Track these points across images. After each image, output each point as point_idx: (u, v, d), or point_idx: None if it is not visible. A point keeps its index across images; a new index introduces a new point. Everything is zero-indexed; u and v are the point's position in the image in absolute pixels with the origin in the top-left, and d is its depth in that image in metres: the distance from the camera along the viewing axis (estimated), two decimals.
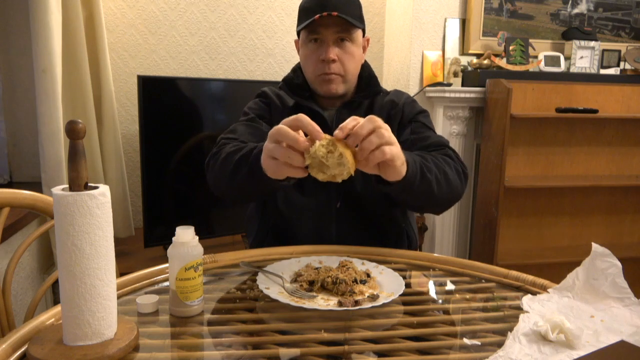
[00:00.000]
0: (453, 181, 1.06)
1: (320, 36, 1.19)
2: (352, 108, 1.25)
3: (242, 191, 1.10)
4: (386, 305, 0.82)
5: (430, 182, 0.99)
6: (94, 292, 0.65)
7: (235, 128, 1.21)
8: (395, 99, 1.29)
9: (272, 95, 1.30)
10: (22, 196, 1.05)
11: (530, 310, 0.80)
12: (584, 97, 2.42)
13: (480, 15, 2.49)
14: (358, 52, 1.23)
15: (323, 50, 1.18)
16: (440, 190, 1.02)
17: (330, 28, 1.17)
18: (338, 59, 1.19)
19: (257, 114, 1.26)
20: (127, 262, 2.06)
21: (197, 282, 0.78)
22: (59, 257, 0.65)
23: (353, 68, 1.23)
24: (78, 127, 0.64)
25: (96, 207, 0.64)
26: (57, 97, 1.65)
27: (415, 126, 1.25)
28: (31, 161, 1.91)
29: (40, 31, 1.60)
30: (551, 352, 0.67)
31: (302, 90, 1.26)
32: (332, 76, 1.20)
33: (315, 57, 1.20)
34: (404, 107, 1.27)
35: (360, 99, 1.26)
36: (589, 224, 2.62)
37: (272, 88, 1.33)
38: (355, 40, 1.21)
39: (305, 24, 1.17)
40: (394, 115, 1.26)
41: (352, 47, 1.20)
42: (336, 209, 1.20)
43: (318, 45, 1.20)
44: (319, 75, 1.21)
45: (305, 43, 1.22)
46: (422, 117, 1.27)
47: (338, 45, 1.19)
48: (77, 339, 0.65)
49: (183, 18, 2.49)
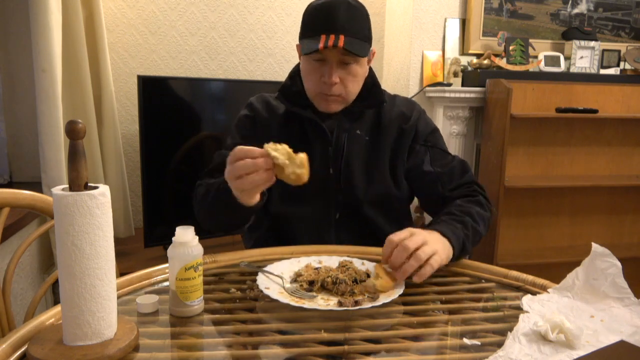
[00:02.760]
0: (482, 235, 1.12)
1: (325, 57, 1.13)
2: (353, 118, 1.22)
3: (226, 224, 1.17)
4: (386, 306, 0.82)
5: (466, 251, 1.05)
6: (94, 292, 0.65)
7: (216, 159, 1.20)
8: (407, 112, 1.25)
9: (257, 106, 1.26)
10: (22, 196, 1.05)
11: (530, 310, 0.80)
12: (584, 97, 2.42)
13: (480, 15, 2.49)
14: (362, 71, 1.18)
15: (326, 71, 1.13)
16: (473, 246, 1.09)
17: (335, 51, 1.11)
18: (340, 81, 1.14)
19: (243, 134, 1.23)
20: (127, 262, 2.06)
21: (197, 282, 0.78)
22: (59, 257, 0.65)
23: (355, 89, 1.18)
24: (78, 127, 0.64)
25: (96, 207, 0.64)
26: (57, 97, 1.65)
27: (434, 153, 1.23)
28: (31, 161, 1.91)
29: (40, 31, 1.60)
30: (551, 352, 0.67)
31: (300, 98, 1.22)
32: (333, 97, 1.16)
33: (317, 75, 1.15)
34: (417, 124, 1.24)
35: (362, 108, 1.22)
36: (589, 224, 2.61)
37: (262, 96, 1.29)
38: (360, 61, 1.15)
39: (308, 52, 1.11)
40: (407, 131, 1.23)
41: (356, 69, 1.15)
42: (335, 220, 1.20)
43: (321, 64, 1.14)
44: (319, 93, 1.16)
45: (308, 59, 1.16)
46: (435, 138, 1.26)
47: (342, 67, 1.14)
48: (77, 339, 0.65)
49: (183, 18, 2.49)
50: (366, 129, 1.23)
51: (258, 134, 1.22)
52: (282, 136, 1.21)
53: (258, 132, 1.23)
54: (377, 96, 1.23)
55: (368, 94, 1.23)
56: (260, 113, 1.25)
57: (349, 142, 1.21)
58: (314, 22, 1.13)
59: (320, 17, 1.12)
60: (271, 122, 1.24)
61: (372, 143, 1.23)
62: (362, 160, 1.21)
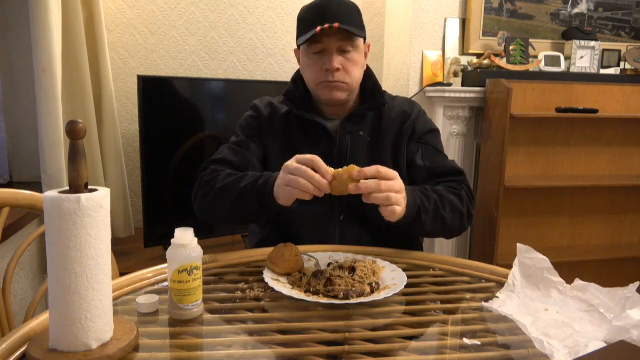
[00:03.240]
0: (451, 226, 1.12)
1: (324, 45, 1.17)
2: (356, 120, 1.25)
3: (241, 217, 1.17)
4: (388, 300, 0.82)
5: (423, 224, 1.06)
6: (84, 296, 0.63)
7: (223, 152, 1.22)
8: (407, 110, 1.28)
9: (262, 107, 1.29)
10: (22, 196, 1.05)
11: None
12: (584, 97, 2.42)
13: (480, 15, 2.48)
14: (361, 59, 1.22)
15: (327, 60, 1.17)
16: (434, 230, 1.11)
17: (333, 37, 1.16)
18: (342, 68, 1.17)
19: (248, 134, 1.26)
20: (127, 262, 2.06)
21: (191, 287, 0.76)
22: (50, 262, 0.64)
23: (357, 76, 1.21)
24: (78, 127, 0.64)
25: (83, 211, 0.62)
26: (57, 97, 1.65)
27: (426, 150, 1.25)
28: (31, 161, 1.91)
29: (40, 31, 1.60)
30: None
31: (304, 102, 1.25)
32: (336, 84, 1.18)
33: (318, 66, 1.19)
34: (416, 123, 1.26)
35: (364, 110, 1.25)
36: (589, 224, 2.61)
37: (266, 98, 1.32)
38: (358, 48, 1.20)
39: (306, 38, 1.15)
40: (406, 129, 1.25)
41: (355, 56, 1.19)
42: (340, 221, 1.21)
43: (321, 55, 1.18)
44: (322, 82, 1.19)
45: (307, 54, 1.21)
46: (431, 138, 1.28)
47: (341, 54, 1.18)
48: (63, 346, 0.63)
49: (183, 18, 2.49)
50: (368, 130, 1.25)
51: (262, 134, 1.26)
52: (285, 139, 1.23)
53: (262, 133, 1.26)
54: (379, 99, 1.26)
55: (370, 97, 1.26)
56: (265, 115, 1.27)
57: (352, 144, 1.23)
58: (309, 18, 1.18)
59: (314, 12, 1.18)
60: (275, 124, 1.26)
61: (373, 143, 1.24)
62: (365, 161, 1.22)
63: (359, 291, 0.84)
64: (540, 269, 0.88)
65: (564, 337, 0.71)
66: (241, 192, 1.08)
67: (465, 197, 1.17)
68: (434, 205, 1.08)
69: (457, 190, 1.17)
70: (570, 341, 0.70)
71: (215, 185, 1.13)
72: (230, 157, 1.21)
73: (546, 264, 0.88)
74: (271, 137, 1.25)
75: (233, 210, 1.12)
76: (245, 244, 2.37)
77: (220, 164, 1.20)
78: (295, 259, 0.94)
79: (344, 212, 1.21)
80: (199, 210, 1.18)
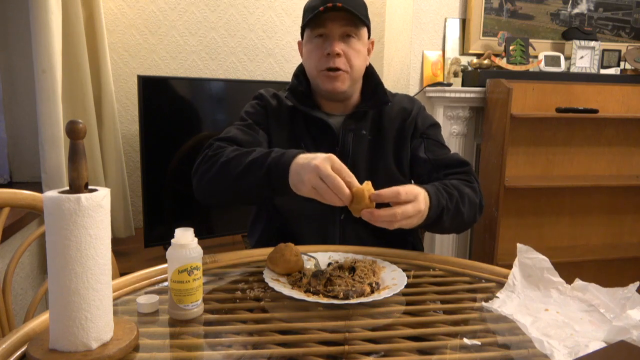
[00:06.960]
0: (467, 222, 1.11)
1: (326, 30, 1.17)
2: (358, 118, 1.24)
3: (242, 194, 1.08)
4: (388, 300, 0.82)
5: (442, 224, 1.04)
6: (84, 296, 0.63)
7: (231, 131, 1.18)
8: (408, 107, 1.27)
9: (268, 97, 1.28)
10: (22, 196, 1.05)
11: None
12: (584, 97, 2.42)
13: (480, 15, 2.49)
14: (363, 50, 1.21)
15: (328, 44, 1.17)
16: (450, 228, 1.09)
17: (336, 22, 1.16)
18: (344, 54, 1.17)
19: (255, 119, 1.23)
20: (127, 262, 2.06)
21: (190, 287, 0.76)
22: (50, 262, 0.64)
23: (358, 65, 1.20)
24: (78, 127, 0.64)
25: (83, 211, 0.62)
26: (57, 97, 1.65)
27: (429, 143, 1.25)
28: (31, 161, 1.91)
29: (40, 31, 1.60)
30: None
31: (307, 98, 1.25)
32: (337, 72, 1.17)
33: (319, 51, 1.18)
34: (417, 119, 1.26)
35: (366, 108, 1.25)
36: (589, 224, 2.61)
37: (269, 90, 1.31)
38: (361, 37, 1.19)
39: (310, 17, 1.15)
40: (407, 125, 1.25)
41: (358, 44, 1.19)
42: (340, 220, 1.21)
43: (323, 40, 1.18)
44: (323, 70, 1.18)
45: (310, 39, 1.20)
46: (433, 132, 1.27)
47: (344, 41, 1.17)
48: (63, 346, 0.63)
49: (183, 18, 2.49)
50: (369, 128, 1.25)
51: (269, 122, 1.24)
52: (290, 132, 1.23)
53: (269, 121, 1.24)
54: (381, 97, 1.25)
55: (372, 95, 1.26)
56: (272, 105, 1.26)
57: (354, 143, 1.23)
58: (314, 4, 1.17)
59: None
60: (282, 116, 1.25)
61: (375, 142, 1.24)
62: (367, 159, 1.23)
63: (359, 291, 0.84)
64: (540, 269, 0.88)
65: (564, 337, 0.71)
66: (248, 165, 1.02)
67: (477, 188, 1.16)
68: (455, 203, 1.06)
69: (470, 183, 1.16)
70: (570, 341, 0.70)
71: (219, 159, 1.07)
72: (239, 136, 1.15)
73: (546, 264, 0.88)
74: (278, 128, 1.24)
75: (235, 184, 1.04)
76: (245, 244, 2.37)
77: (227, 142, 1.14)
78: (295, 259, 0.94)
79: (345, 211, 1.20)
80: (198, 186, 1.11)
